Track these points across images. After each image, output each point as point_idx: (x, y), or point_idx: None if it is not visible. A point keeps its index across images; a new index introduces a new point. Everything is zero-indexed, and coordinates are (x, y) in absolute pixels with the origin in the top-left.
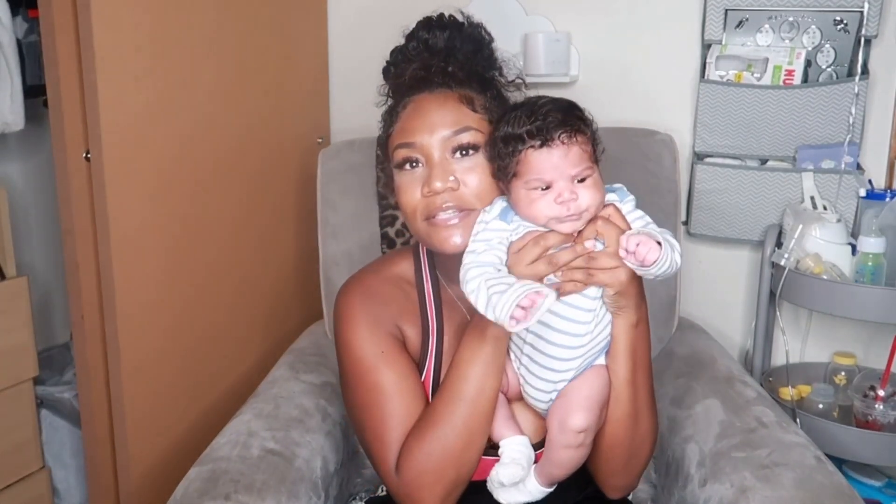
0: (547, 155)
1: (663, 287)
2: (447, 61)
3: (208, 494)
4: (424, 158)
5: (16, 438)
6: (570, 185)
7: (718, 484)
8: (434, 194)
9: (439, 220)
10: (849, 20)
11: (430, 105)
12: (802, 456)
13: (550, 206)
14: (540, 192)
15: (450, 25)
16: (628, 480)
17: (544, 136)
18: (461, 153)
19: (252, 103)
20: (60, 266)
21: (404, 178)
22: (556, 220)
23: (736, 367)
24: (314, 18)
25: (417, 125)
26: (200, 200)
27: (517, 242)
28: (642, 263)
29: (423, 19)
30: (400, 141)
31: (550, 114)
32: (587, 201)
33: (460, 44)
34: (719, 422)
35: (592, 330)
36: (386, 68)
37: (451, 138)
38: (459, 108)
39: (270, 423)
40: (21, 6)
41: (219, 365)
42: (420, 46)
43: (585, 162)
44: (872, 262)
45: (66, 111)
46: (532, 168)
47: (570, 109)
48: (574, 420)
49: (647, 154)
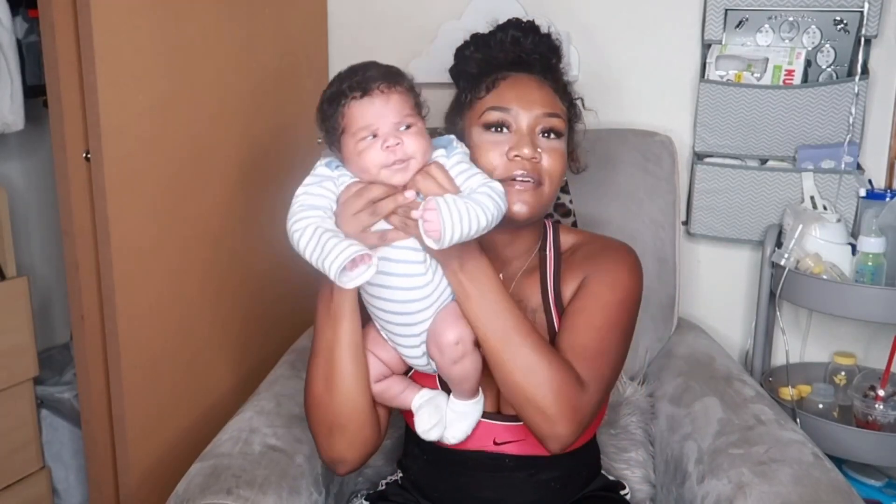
0: (369, 104)
1: (662, 287)
2: (543, 55)
3: (210, 489)
4: (515, 126)
5: (16, 438)
6: (396, 132)
7: (716, 480)
8: (521, 159)
9: (515, 184)
10: (849, 20)
11: (531, 84)
12: (800, 452)
13: (378, 154)
14: (368, 141)
15: (539, 32)
16: (542, 430)
17: (364, 86)
18: (545, 134)
19: (252, 103)
20: (60, 266)
21: (488, 138)
22: (386, 169)
23: (735, 367)
24: (314, 18)
25: (517, 95)
26: (200, 200)
27: (343, 194)
28: (426, 233)
29: (513, 18)
30: (496, 104)
31: (369, 68)
32: (413, 147)
33: (545, 51)
34: (718, 419)
35: (433, 279)
36: (464, 46)
37: (542, 118)
38: (553, 96)
39: (272, 420)
40: (21, 6)
41: (219, 365)
42: (508, 40)
43: (407, 110)
44: (872, 262)
45: (66, 111)
46: (357, 118)
47: (389, 67)
48: (445, 337)
49: (647, 155)
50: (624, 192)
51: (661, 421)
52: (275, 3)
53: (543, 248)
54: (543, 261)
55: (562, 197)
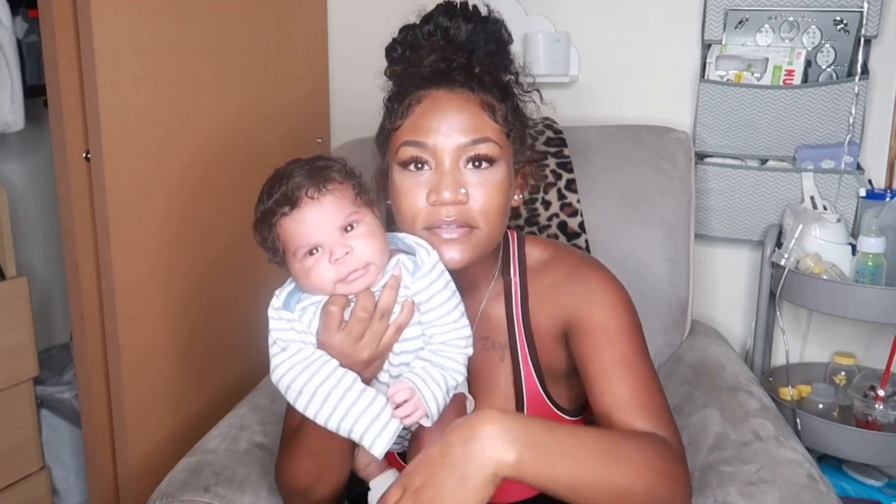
0: (300, 217)
1: (674, 290)
2: (470, 59)
3: (189, 486)
4: (434, 163)
5: (16, 438)
6: (341, 239)
7: (703, 498)
8: (441, 204)
9: (441, 231)
10: (849, 20)
11: (450, 106)
12: (793, 473)
13: (328, 269)
14: (311, 257)
15: (474, 17)
16: None
17: (290, 198)
18: (474, 164)
19: (252, 104)
20: (60, 266)
21: (407, 180)
22: (342, 283)
23: (744, 376)
24: (314, 18)
25: (433, 125)
26: (200, 200)
27: (328, 321)
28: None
29: (444, 3)
30: (410, 138)
31: (293, 175)
32: (366, 252)
33: (483, 41)
34: (715, 433)
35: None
36: (392, 46)
37: (467, 147)
38: (481, 114)
39: (263, 418)
40: (21, 6)
41: (220, 365)
42: (438, 34)
43: (346, 209)
44: (872, 262)
45: (66, 111)
46: (292, 236)
47: (313, 163)
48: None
49: (660, 153)
50: (635, 192)
51: None
52: (275, 3)
53: (507, 271)
54: (508, 286)
55: (569, 196)
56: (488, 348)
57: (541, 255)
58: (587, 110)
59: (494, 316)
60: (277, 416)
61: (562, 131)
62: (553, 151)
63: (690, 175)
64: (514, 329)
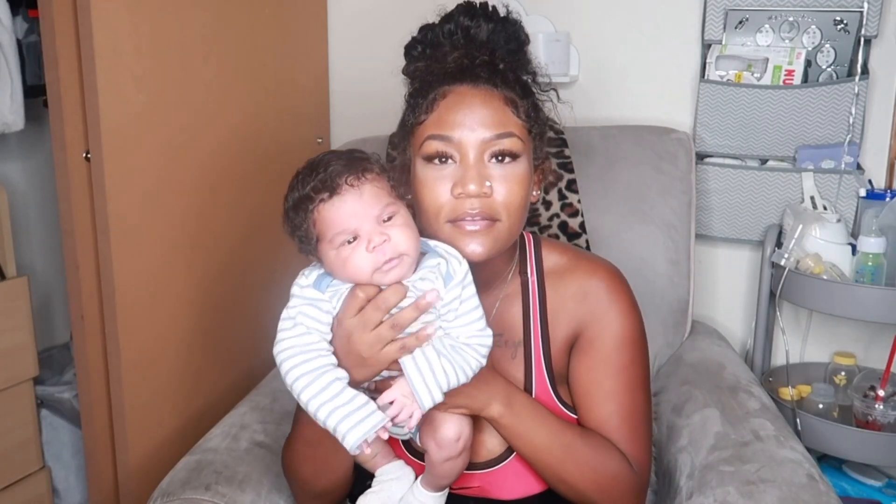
0: (340, 204)
1: (674, 291)
2: (492, 56)
3: (190, 484)
4: (459, 156)
5: (16, 438)
6: (378, 227)
7: (703, 497)
8: (466, 197)
9: (465, 224)
10: (849, 20)
11: (475, 101)
12: (793, 473)
13: (365, 258)
14: (349, 245)
15: (494, 17)
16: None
17: (330, 185)
18: (498, 159)
19: (252, 103)
20: (60, 266)
21: (431, 174)
22: (379, 272)
23: (745, 376)
24: (314, 18)
25: (458, 120)
26: (200, 200)
27: (352, 303)
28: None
29: (464, 3)
30: (435, 132)
31: (331, 163)
32: (403, 243)
33: (504, 40)
34: (715, 433)
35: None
36: (412, 44)
37: (491, 141)
38: (504, 110)
39: (264, 417)
40: (21, 6)
41: (219, 365)
42: (459, 33)
43: (385, 199)
44: (872, 262)
45: (66, 111)
46: (331, 223)
47: (350, 154)
48: (446, 431)
49: (660, 153)
50: (635, 192)
51: (662, 430)
52: (275, 3)
53: (524, 270)
54: (525, 286)
55: (570, 196)
56: (501, 345)
57: (558, 260)
58: (587, 110)
59: (510, 314)
60: (278, 416)
61: (562, 131)
62: (554, 152)
63: (691, 175)
64: (531, 329)
